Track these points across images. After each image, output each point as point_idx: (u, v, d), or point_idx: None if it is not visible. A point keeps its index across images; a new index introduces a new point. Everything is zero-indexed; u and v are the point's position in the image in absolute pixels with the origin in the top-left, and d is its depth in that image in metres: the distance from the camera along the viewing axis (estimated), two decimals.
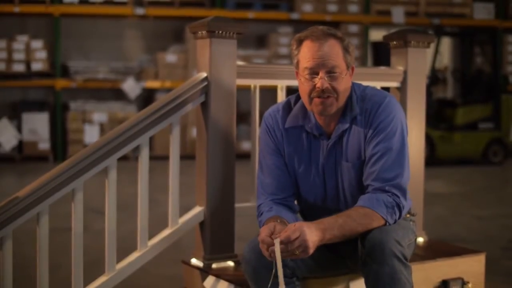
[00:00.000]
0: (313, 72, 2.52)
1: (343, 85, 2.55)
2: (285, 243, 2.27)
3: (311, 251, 2.29)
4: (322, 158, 2.64)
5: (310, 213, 2.66)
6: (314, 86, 2.52)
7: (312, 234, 2.29)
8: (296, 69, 2.61)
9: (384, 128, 2.55)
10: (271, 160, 2.68)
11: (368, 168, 2.55)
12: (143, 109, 2.97)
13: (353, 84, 2.66)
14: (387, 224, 2.46)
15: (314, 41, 2.53)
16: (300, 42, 2.58)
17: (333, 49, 2.52)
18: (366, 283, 2.41)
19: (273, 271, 2.36)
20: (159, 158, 7.63)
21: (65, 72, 10.34)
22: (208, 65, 3.01)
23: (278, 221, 2.46)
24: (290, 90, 3.09)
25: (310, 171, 2.66)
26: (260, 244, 2.34)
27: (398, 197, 2.51)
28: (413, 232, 2.65)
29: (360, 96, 2.62)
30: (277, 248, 2.26)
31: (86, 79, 10.20)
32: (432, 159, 9.62)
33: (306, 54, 2.54)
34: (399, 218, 2.52)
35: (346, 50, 2.56)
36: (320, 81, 2.51)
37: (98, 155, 2.81)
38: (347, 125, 2.60)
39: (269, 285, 2.41)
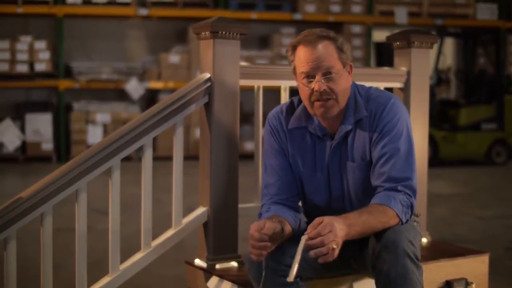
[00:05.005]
0: (310, 76, 2.52)
1: (342, 85, 2.54)
2: (314, 238, 2.22)
3: (338, 249, 2.25)
4: (326, 158, 2.64)
5: (315, 214, 2.65)
6: (313, 90, 2.52)
7: (340, 229, 2.26)
8: (294, 75, 2.61)
9: (390, 130, 2.54)
10: (275, 160, 2.68)
11: (377, 169, 2.54)
12: (147, 110, 2.97)
13: (357, 85, 2.65)
14: (400, 223, 2.46)
15: (306, 45, 2.53)
16: (294, 48, 2.58)
17: (326, 51, 2.52)
18: (377, 282, 2.40)
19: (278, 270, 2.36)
20: (162, 159, 7.62)
21: (68, 73, 10.36)
22: (211, 66, 3.01)
23: (274, 220, 2.45)
24: (294, 91, 3.09)
25: (314, 171, 2.66)
26: (249, 239, 2.34)
27: (411, 196, 2.51)
28: (419, 233, 2.65)
29: (364, 97, 2.62)
30: (301, 245, 2.23)
31: (89, 79, 10.22)
32: (435, 160, 9.61)
33: (300, 59, 2.54)
34: (410, 218, 2.52)
35: (340, 49, 2.55)
36: (317, 84, 2.50)
37: (102, 156, 2.81)
38: (350, 127, 2.59)
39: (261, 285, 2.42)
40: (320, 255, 2.22)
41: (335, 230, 2.24)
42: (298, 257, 2.23)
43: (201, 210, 3.07)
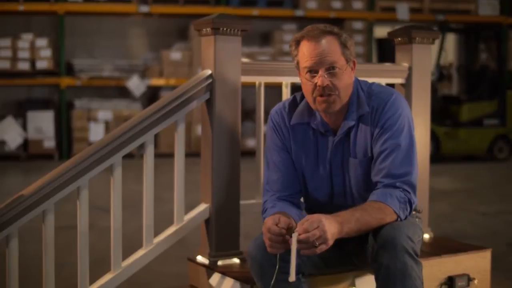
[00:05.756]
0: (313, 71, 2.52)
1: (344, 81, 2.54)
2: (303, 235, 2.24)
3: (330, 242, 2.26)
4: (329, 154, 2.64)
5: (316, 211, 2.65)
6: (315, 85, 2.52)
7: (331, 225, 2.27)
8: (297, 70, 2.61)
9: (392, 125, 2.55)
10: (278, 157, 2.68)
11: (377, 165, 2.55)
12: (148, 107, 2.97)
13: (359, 81, 2.65)
14: (398, 220, 2.46)
15: (310, 40, 2.53)
16: (297, 43, 2.58)
17: (330, 46, 2.52)
18: (377, 278, 2.40)
19: (276, 266, 2.36)
20: (164, 156, 7.63)
21: (69, 70, 10.36)
22: (212, 63, 3.01)
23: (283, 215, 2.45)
24: (295, 87, 3.09)
25: (317, 167, 2.66)
26: (264, 234, 2.33)
27: (409, 193, 2.51)
28: (420, 229, 2.65)
29: (367, 93, 2.62)
30: (294, 241, 2.24)
31: (90, 77, 10.22)
32: (437, 156, 9.60)
33: (304, 54, 2.54)
34: (409, 214, 2.52)
35: (344, 45, 2.55)
36: (320, 78, 2.50)
37: (103, 153, 2.81)
38: (353, 122, 2.59)
39: (272, 282, 2.42)
40: (305, 250, 2.26)
41: (322, 226, 2.25)
42: (293, 255, 2.24)
43: (202, 207, 3.07)
